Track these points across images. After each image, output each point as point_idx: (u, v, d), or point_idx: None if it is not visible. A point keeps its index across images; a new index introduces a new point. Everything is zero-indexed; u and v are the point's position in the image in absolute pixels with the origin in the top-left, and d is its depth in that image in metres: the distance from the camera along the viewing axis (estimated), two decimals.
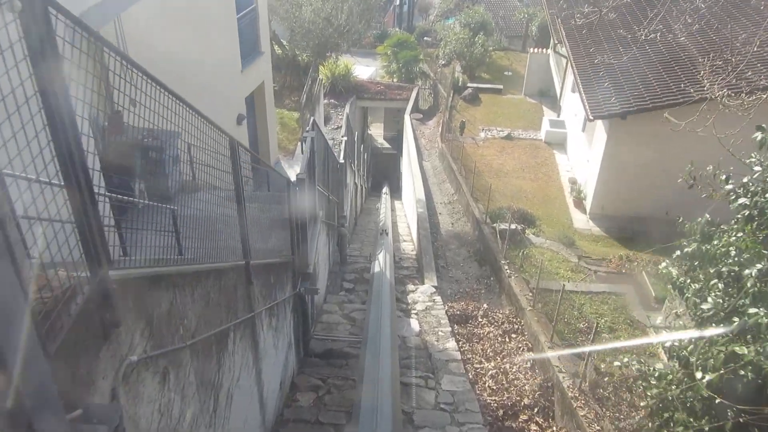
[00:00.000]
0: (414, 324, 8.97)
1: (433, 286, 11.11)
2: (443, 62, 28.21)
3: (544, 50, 24.56)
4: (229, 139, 3.72)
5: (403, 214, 21.34)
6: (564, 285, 8.90)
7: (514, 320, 10.25)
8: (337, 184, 11.75)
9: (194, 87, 9.63)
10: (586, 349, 7.30)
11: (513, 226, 12.54)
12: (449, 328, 9.07)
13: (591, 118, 13.90)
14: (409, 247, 16.00)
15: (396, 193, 24.84)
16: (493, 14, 32.47)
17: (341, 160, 12.05)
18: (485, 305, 10.75)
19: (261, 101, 13.30)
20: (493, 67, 27.51)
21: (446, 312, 10.01)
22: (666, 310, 11.37)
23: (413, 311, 9.87)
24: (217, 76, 10.57)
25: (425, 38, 34.68)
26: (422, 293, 10.73)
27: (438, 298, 10.50)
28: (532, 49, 24.77)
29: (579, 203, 15.93)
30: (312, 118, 7.24)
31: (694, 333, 4.30)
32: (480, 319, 10.25)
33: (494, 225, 13.58)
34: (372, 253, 13.07)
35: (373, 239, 16.74)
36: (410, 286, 11.27)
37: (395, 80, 27.23)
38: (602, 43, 17.21)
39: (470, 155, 17.90)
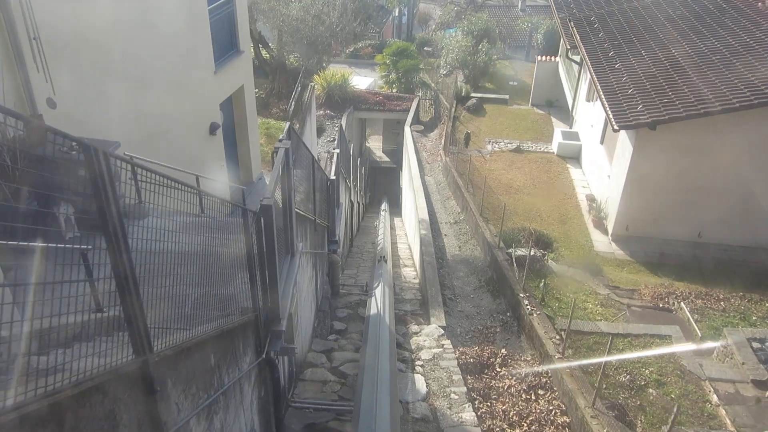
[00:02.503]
0: (419, 383, 7.16)
1: (440, 327, 9.31)
2: (444, 72, 26.80)
3: (552, 58, 23.19)
4: (92, 148, 1.99)
5: (403, 233, 19.58)
6: (611, 339, 7.10)
7: (540, 371, 8.46)
8: (327, 205, 10.02)
9: (153, 89, 8.00)
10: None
11: (532, 252, 10.80)
12: (463, 388, 7.24)
13: (616, 128, 12.28)
14: (411, 274, 14.20)
15: (396, 209, 23.15)
16: (496, 24, 31.10)
17: (332, 176, 10.32)
18: (503, 350, 8.96)
19: (240, 108, 11.60)
20: (497, 77, 26.13)
21: (458, 361, 8.20)
22: (718, 354, 9.62)
23: (418, 361, 8.05)
24: (183, 76, 8.91)
25: (425, 48, 33.61)
26: (428, 336, 8.92)
27: (447, 343, 8.69)
28: (539, 57, 23.34)
29: (599, 223, 14.32)
30: (288, 125, 5.53)
31: None
32: (498, 369, 8.47)
33: (509, 250, 11.84)
34: (368, 284, 11.26)
35: (371, 263, 14.95)
36: (413, 327, 9.45)
37: (395, 90, 25.79)
38: (622, 47, 15.66)
39: (477, 169, 16.24)
